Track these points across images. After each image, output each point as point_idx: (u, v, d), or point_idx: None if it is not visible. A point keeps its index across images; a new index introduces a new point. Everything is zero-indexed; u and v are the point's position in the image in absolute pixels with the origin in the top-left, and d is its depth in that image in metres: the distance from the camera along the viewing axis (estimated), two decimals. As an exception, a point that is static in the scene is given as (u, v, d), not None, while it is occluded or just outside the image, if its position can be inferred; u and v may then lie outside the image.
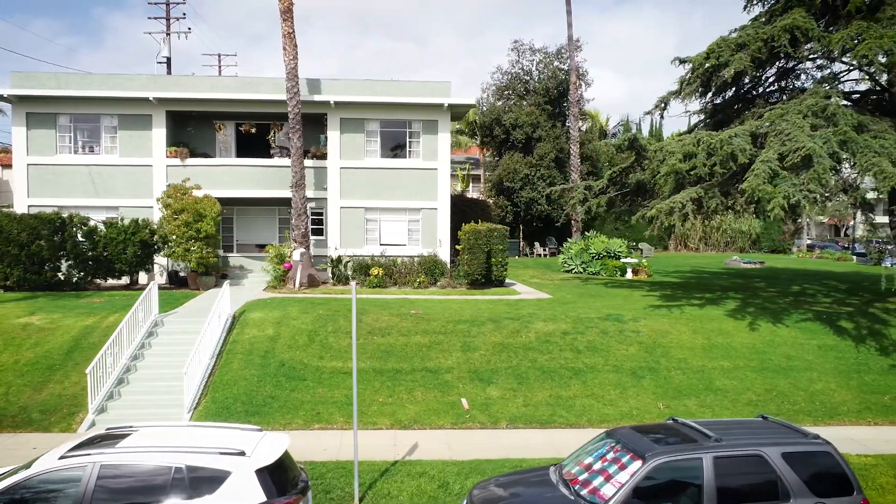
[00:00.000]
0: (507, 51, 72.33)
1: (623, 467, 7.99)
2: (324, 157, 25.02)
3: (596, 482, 8.04)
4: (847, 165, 18.42)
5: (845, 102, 20.63)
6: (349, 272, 24.32)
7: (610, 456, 8.37)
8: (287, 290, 22.29)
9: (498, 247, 24.06)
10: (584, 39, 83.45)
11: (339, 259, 24.10)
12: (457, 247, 24.64)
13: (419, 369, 15.78)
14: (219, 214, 22.58)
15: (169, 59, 46.90)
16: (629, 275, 29.94)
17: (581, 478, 8.29)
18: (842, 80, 23.61)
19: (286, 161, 24.39)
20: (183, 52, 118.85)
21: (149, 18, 49.02)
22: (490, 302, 20.74)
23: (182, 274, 23.73)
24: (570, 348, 16.90)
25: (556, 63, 43.88)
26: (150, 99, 23.67)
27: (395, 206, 25.14)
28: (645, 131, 58.58)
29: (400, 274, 24.14)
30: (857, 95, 22.44)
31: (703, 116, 24.45)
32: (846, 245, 53.46)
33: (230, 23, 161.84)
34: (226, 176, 24.80)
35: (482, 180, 51.28)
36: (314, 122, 25.46)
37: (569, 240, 34.55)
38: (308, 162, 24.99)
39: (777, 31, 18.10)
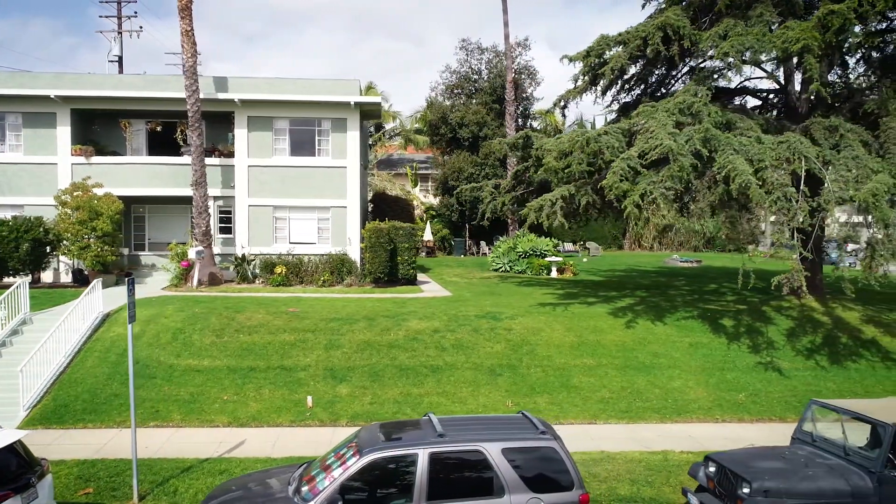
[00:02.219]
0: (456, 49, 72.19)
1: (344, 463, 7.97)
2: (232, 155, 24.96)
3: (318, 479, 8.02)
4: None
5: (755, 101, 20.66)
6: (257, 270, 24.29)
7: (343, 452, 8.34)
8: (185, 289, 22.24)
9: (404, 245, 24.06)
10: (567, 38, 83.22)
11: (243, 257, 24.05)
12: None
13: (275, 367, 15.75)
14: (118, 212, 22.49)
15: (121, 58, 46.71)
16: (554, 273, 29.96)
17: (313, 474, 8.27)
18: (750, 78, 23.74)
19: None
20: (153, 50, 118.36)
21: (100, 17, 48.91)
22: (380, 300, 20.71)
23: (86, 272, 23.65)
24: (436, 346, 16.87)
25: (505, 62, 43.86)
26: (53, 97, 23.58)
27: (304, 205, 25.09)
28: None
29: (306, 272, 24.11)
30: (765, 95, 22.56)
31: (616, 115, 24.49)
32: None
33: (229, 23, 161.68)
34: (134, 174, 24.74)
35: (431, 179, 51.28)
36: (223, 120, 25.41)
37: (501, 239, 34.53)
38: (216, 160, 24.95)
39: (651, 28, 18.09)
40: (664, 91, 23.15)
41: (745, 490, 8.51)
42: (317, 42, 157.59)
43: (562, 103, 21.73)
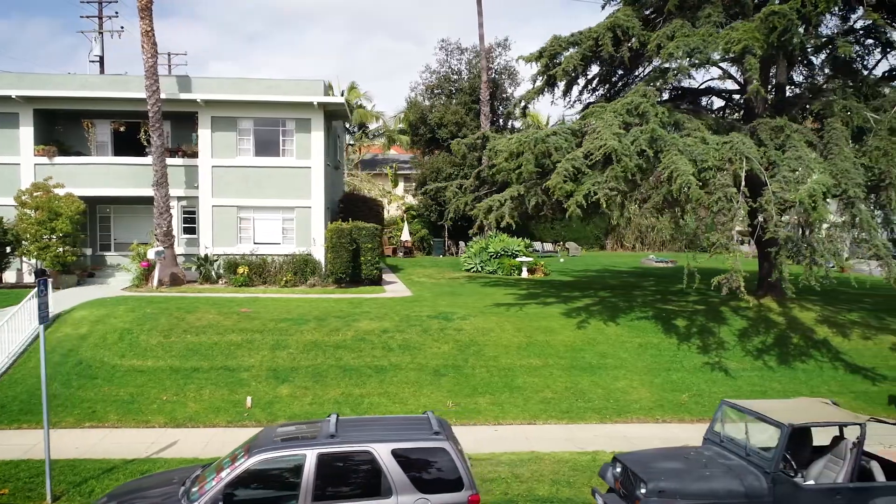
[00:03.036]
0: (436, 49, 72.28)
1: (234, 464, 7.97)
2: (196, 155, 24.95)
3: (208, 480, 8.02)
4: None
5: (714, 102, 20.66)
6: (221, 271, 24.28)
7: (237, 453, 8.34)
8: (146, 289, 22.23)
9: (367, 245, 24.07)
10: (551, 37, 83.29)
11: (206, 257, 24.03)
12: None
13: (218, 368, 15.74)
14: (78, 213, 22.47)
15: (101, 58, 46.75)
16: (525, 274, 29.97)
17: (206, 475, 8.26)
18: (714, 78, 23.75)
19: (167, 160, 24.32)
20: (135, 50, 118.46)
21: (81, 17, 48.87)
22: (336, 301, 20.71)
23: (49, 273, 23.61)
24: (383, 346, 16.87)
25: (485, 63, 43.82)
26: (14, 97, 23.56)
27: (269, 205, 25.07)
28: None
29: (269, 273, 24.11)
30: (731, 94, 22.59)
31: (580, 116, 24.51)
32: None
33: (228, 22, 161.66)
34: (98, 175, 24.71)
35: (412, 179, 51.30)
36: (188, 120, 25.38)
37: (474, 239, 34.54)
38: (179, 160, 24.94)
39: (601, 29, 18.10)
40: (627, 92, 23.17)
41: (642, 490, 8.52)
42: (317, 42, 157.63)
43: (521, 104, 21.74)
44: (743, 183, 15.10)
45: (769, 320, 19.89)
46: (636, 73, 23.00)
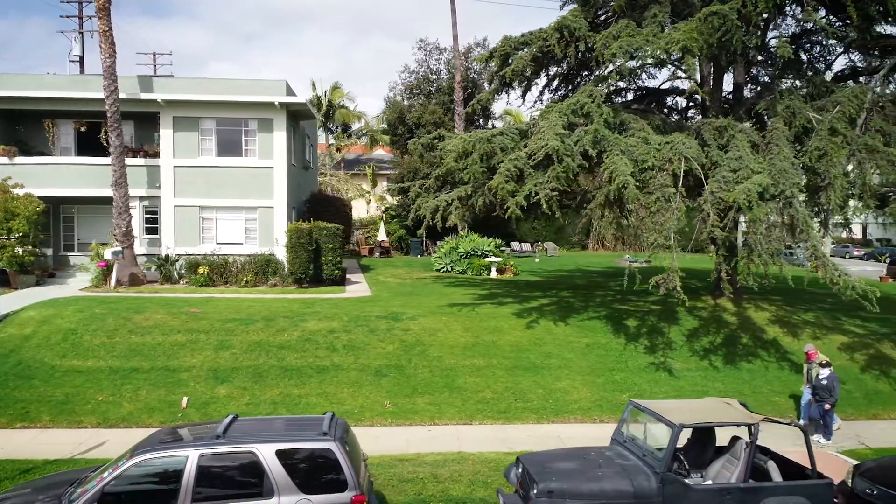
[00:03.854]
0: (414, 49, 72.31)
1: (116, 465, 7.96)
2: (157, 155, 24.92)
3: (91, 481, 8.00)
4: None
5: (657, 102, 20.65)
6: (183, 271, 24.25)
7: (127, 453, 8.33)
8: (103, 290, 22.20)
9: (328, 245, 24.04)
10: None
11: (167, 257, 24.01)
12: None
13: (158, 368, 15.71)
14: (36, 213, 22.43)
15: (81, 58, 46.65)
16: (494, 273, 29.96)
17: (93, 476, 8.25)
18: (678, 78, 23.75)
19: (128, 160, 24.31)
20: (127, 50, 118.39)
21: (61, 17, 48.84)
22: (291, 301, 20.70)
23: (8, 273, 23.58)
24: (328, 347, 16.86)
25: (459, 63, 43.84)
26: (-28, 97, 23.58)
27: (231, 205, 25.06)
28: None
29: (231, 273, 24.09)
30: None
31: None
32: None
33: (226, 23, 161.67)
34: (60, 175, 24.69)
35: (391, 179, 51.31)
36: (150, 120, 25.35)
37: (447, 238, 34.54)
38: (141, 160, 24.94)
39: (550, 30, 18.09)
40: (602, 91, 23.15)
41: (534, 491, 8.52)
42: (315, 42, 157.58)
43: (479, 105, 21.70)
44: (681, 183, 15.09)
45: (722, 320, 19.90)
46: (598, 74, 23.01)
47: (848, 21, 17.01)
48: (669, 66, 18.71)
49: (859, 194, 15.32)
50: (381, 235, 39.85)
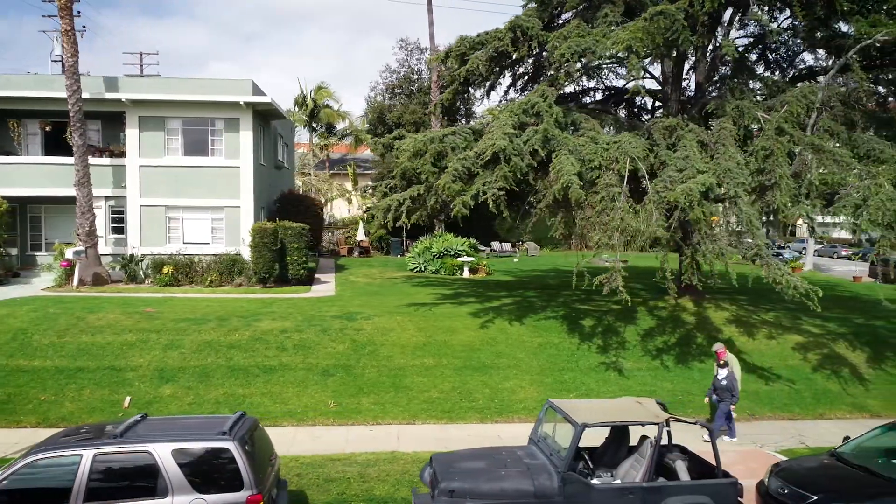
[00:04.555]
0: (395, 49, 72.23)
1: (11, 464, 7.94)
2: (123, 154, 24.90)
3: (-11, 480, 7.98)
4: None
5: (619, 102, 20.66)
6: (149, 271, 24.22)
7: (23, 453, 8.31)
8: (66, 289, 22.18)
9: (293, 245, 24.01)
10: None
11: (132, 257, 23.99)
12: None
13: (105, 367, 15.69)
14: (1, 213, 22.42)
15: (63, 57, 46.57)
16: (466, 273, 29.95)
17: None
18: (642, 77, 23.76)
19: (93, 160, 24.34)
20: (103, 50, 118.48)
21: (42, 17, 48.71)
22: (249, 301, 20.69)
23: (-27, 272, 23.60)
24: (278, 346, 16.84)
25: (435, 63, 43.82)
26: (-63, 96, 23.55)
27: (198, 205, 25.04)
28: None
29: (197, 273, 24.06)
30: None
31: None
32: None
33: (225, 22, 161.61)
34: (27, 174, 24.67)
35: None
36: (117, 120, 25.33)
37: (421, 238, 34.54)
38: (107, 160, 24.93)
39: (504, 30, 18.09)
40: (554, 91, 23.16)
41: (436, 490, 8.52)
42: (314, 42, 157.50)
43: (440, 106, 21.70)
44: (626, 182, 15.08)
45: (680, 320, 19.91)
46: (550, 74, 23.00)
47: (804, 21, 16.99)
48: (625, 66, 18.70)
49: (806, 193, 15.29)
50: (361, 235, 39.82)
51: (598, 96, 24.57)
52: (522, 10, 18.70)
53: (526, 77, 22.84)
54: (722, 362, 13.50)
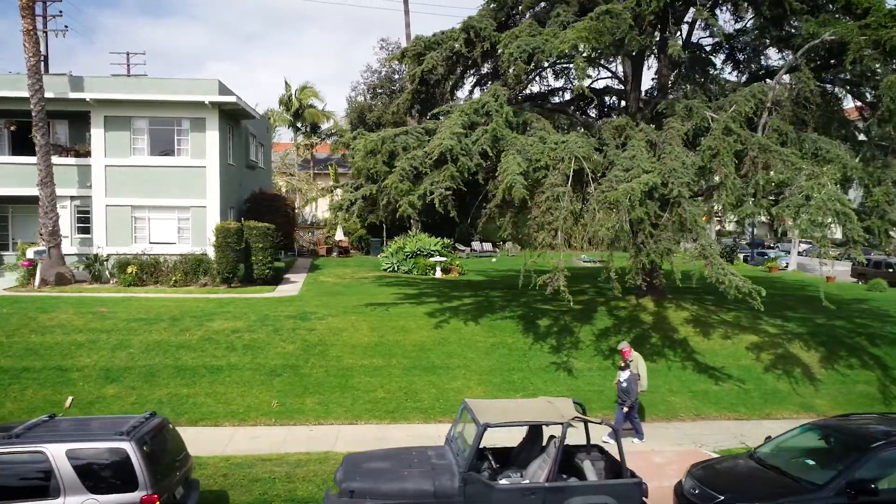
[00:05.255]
0: (376, 49, 72.12)
1: None
2: (88, 154, 24.87)
3: None
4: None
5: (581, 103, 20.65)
6: (115, 270, 24.19)
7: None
8: (28, 289, 22.15)
9: (258, 245, 23.98)
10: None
11: (96, 257, 23.96)
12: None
13: (51, 368, 15.65)
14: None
15: (46, 57, 46.47)
16: (438, 273, 29.92)
17: None
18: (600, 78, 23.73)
19: (58, 160, 24.35)
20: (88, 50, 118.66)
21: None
22: (207, 300, 20.66)
23: (-63, 272, 23.57)
24: (228, 346, 16.81)
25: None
26: None
27: (164, 205, 25.02)
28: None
29: (162, 272, 24.03)
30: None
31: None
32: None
33: (224, 22, 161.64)
34: (-8, 174, 24.66)
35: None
36: (83, 119, 25.29)
37: (395, 238, 34.52)
38: (72, 159, 24.91)
39: (457, 31, 18.08)
40: (520, 90, 23.15)
41: (338, 490, 8.50)
42: (313, 42, 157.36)
43: (405, 105, 21.67)
44: (570, 182, 15.06)
45: (638, 320, 19.89)
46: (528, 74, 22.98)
47: (754, 21, 16.98)
48: (582, 66, 18.66)
49: (753, 193, 15.27)
50: (339, 235, 39.73)
51: (567, 96, 24.59)
52: (477, 11, 18.66)
53: (489, 77, 22.87)
54: (622, 364, 13.36)
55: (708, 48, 22.48)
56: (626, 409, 13.02)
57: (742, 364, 17.48)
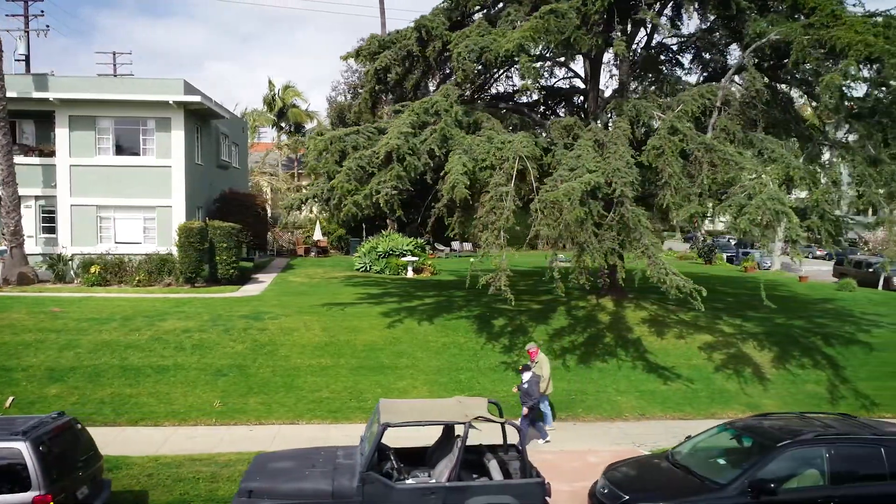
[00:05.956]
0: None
1: None
2: (53, 154, 24.84)
3: None
4: None
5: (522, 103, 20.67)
6: (79, 270, 24.16)
7: None
8: (-11, 289, 22.12)
9: (222, 244, 23.96)
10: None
11: (59, 257, 23.94)
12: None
13: (-6, 367, 15.64)
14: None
15: (27, 57, 46.43)
16: (410, 273, 29.90)
17: None
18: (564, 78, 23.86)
19: (23, 159, 24.34)
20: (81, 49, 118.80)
21: (6, 16, 48.58)
22: (164, 300, 20.65)
23: None
24: (176, 346, 16.79)
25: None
26: None
27: (129, 204, 24.99)
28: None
29: (126, 272, 24.00)
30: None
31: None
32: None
33: (223, 23, 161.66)
34: (-43, 173, 24.56)
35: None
36: (49, 119, 25.24)
37: (369, 238, 34.49)
38: (36, 159, 24.89)
39: (410, 30, 18.06)
40: (476, 89, 23.14)
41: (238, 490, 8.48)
42: (312, 42, 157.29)
43: (366, 105, 21.66)
44: (513, 181, 15.05)
45: (594, 319, 19.89)
46: (492, 73, 22.96)
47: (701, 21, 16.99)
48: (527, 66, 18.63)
49: (699, 193, 15.26)
50: (318, 235, 39.69)
51: (535, 96, 24.59)
52: (431, 10, 18.64)
53: (451, 77, 22.86)
54: (521, 367, 13.17)
55: (675, 48, 22.58)
56: (525, 412, 12.78)
57: (693, 364, 17.48)
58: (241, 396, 15.15)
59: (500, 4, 18.38)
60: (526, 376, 12.74)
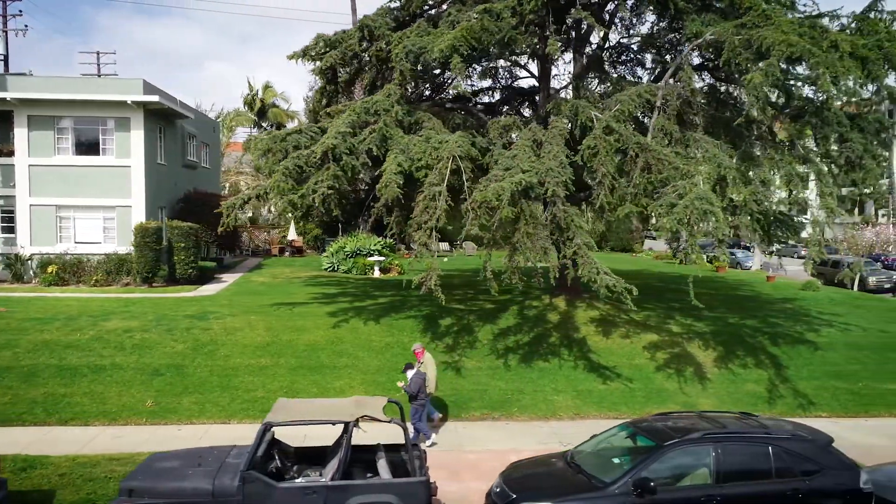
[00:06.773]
0: None
1: None
2: (12, 153, 24.84)
3: None
4: None
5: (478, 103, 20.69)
6: (38, 270, 24.17)
7: None
8: (-57, 289, 22.13)
9: (180, 244, 23.99)
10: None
11: (17, 257, 23.95)
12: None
13: (-71, 368, 15.63)
14: None
15: (6, 56, 46.40)
16: (377, 273, 29.94)
17: None
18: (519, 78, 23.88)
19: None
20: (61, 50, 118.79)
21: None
22: (115, 300, 20.69)
23: None
24: (116, 346, 16.80)
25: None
26: None
27: (89, 204, 24.99)
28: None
29: (85, 272, 24.02)
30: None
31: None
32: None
33: (223, 23, 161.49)
34: (-84, 174, 24.60)
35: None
36: (7, 119, 25.23)
37: (337, 238, 34.51)
38: (-8, 159, 24.88)
39: (354, 30, 18.09)
40: (444, 90, 23.16)
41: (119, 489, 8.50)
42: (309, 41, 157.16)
43: (310, 106, 21.65)
44: (446, 181, 15.06)
45: (543, 319, 19.92)
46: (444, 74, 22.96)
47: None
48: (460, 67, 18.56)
49: (634, 193, 15.29)
50: (292, 234, 39.69)
51: (497, 96, 24.63)
52: (375, 11, 18.68)
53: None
54: (405, 366, 13.26)
55: (635, 48, 22.61)
56: (412, 410, 12.81)
57: (635, 363, 17.51)
58: (175, 396, 15.15)
59: (444, 6, 18.39)
60: (409, 374, 12.87)
